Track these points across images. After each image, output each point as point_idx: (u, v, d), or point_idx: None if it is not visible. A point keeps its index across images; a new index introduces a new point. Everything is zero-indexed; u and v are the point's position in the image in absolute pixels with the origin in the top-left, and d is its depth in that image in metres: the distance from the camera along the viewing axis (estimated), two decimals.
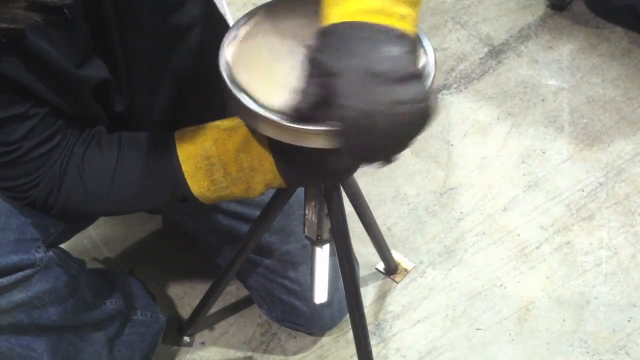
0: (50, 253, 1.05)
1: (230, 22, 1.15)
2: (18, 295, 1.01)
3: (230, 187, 0.98)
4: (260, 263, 1.32)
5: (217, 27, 1.09)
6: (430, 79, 0.88)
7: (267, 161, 0.95)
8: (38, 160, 0.95)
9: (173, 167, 0.97)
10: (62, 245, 1.13)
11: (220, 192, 0.98)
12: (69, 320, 1.14)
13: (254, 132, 0.95)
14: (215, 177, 0.96)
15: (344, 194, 1.13)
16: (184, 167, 0.96)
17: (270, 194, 1.08)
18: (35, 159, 0.94)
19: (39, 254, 1.02)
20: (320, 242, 1.12)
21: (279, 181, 0.97)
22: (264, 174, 0.96)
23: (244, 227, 1.24)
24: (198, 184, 0.97)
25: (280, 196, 1.09)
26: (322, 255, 1.14)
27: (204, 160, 0.96)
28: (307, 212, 1.09)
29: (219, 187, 0.97)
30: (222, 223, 1.28)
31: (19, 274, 1.00)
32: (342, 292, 1.26)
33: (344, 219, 1.09)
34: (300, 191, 1.10)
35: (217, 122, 0.98)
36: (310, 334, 1.42)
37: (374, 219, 1.35)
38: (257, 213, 1.16)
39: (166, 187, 0.99)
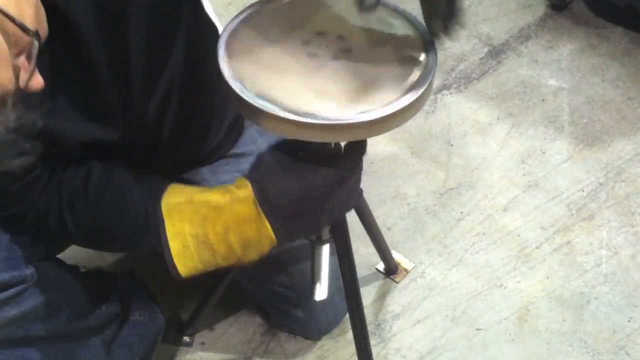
0: (42, 268, 1.05)
1: (218, 25, 1.14)
2: (11, 311, 1.02)
3: (220, 262, 0.96)
4: (253, 269, 1.31)
5: (206, 31, 1.07)
6: (431, 76, 0.89)
7: (264, 229, 0.93)
8: (18, 195, 0.94)
9: (159, 241, 0.94)
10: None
11: (208, 267, 0.96)
12: (63, 330, 1.14)
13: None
14: (203, 257, 0.94)
15: None
16: (171, 245, 0.93)
17: None
18: (14, 193, 0.93)
19: (29, 270, 1.02)
20: (319, 242, 1.12)
21: (272, 245, 0.95)
22: (259, 246, 0.94)
23: None
24: (185, 264, 0.94)
25: None
26: (322, 255, 1.14)
27: (192, 239, 0.93)
28: None
29: (207, 264, 0.95)
30: None
31: (10, 291, 1.00)
32: (338, 296, 1.26)
33: (343, 218, 1.09)
34: None
35: (207, 196, 0.94)
36: (307, 338, 1.42)
37: (373, 218, 1.35)
38: None
39: (151, 247, 0.97)
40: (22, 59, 0.75)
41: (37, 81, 0.77)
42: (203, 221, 0.92)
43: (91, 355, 1.21)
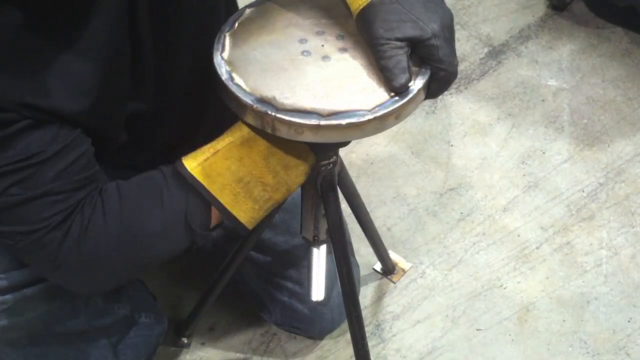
0: None
1: None
2: (42, 307, 1.02)
3: (273, 195, 0.94)
4: (263, 263, 1.31)
5: None
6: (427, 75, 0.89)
7: (301, 148, 0.92)
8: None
9: (206, 210, 0.92)
10: None
11: (264, 205, 0.95)
12: (81, 328, 1.15)
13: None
14: (255, 195, 0.93)
15: (341, 194, 1.13)
16: (222, 200, 0.92)
17: None
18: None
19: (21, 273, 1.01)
20: (317, 242, 1.12)
21: (312, 161, 0.95)
22: (300, 164, 0.94)
23: None
24: (243, 210, 0.93)
25: None
26: (319, 256, 1.14)
27: (238, 184, 0.92)
28: (303, 212, 1.09)
29: (261, 201, 0.94)
30: None
31: (40, 286, 0.99)
32: (341, 295, 1.26)
33: (340, 219, 1.09)
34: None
35: (227, 140, 0.92)
36: (310, 337, 1.42)
37: (371, 219, 1.35)
38: None
39: (186, 235, 0.94)
40: None
41: None
42: (240, 162, 0.91)
43: (99, 356, 1.21)
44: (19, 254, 0.92)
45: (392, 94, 0.87)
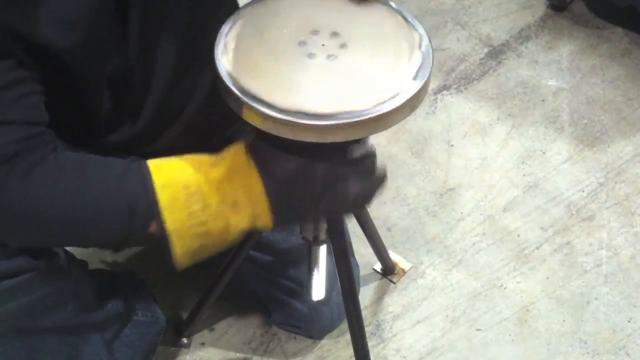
0: (53, 257, 1.04)
1: None
2: (23, 298, 1.00)
3: (209, 222, 0.88)
4: (262, 261, 1.31)
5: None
6: (427, 74, 0.89)
7: (256, 187, 0.88)
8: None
9: (145, 195, 0.87)
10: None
11: (196, 229, 0.88)
12: (70, 322, 1.14)
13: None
14: (193, 210, 0.87)
15: None
16: (160, 196, 0.86)
17: None
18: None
19: (43, 257, 1.00)
20: (317, 242, 1.12)
21: (265, 217, 0.90)
22: (250, 206, 0.89)
23: None
24: (174, 217, 0.87)
25: None
26: (319, 256, 1.14)
27: (182, 189, 0.87)
28: None
29: (195, 222, 0.88)
30: None
31: (23, 277, 0.98)
32: (341, 295, 1.26)
33: (340, 219, 1.09)
34: None
35: (197, 155, 0.91)
36: (309, 336, 1.42)
37: (370, 219, 1.35)
38: None
39: (127, 217, 0.88)
40: None
41: None
42: (196, 170, 0.88)
43: (93, 352, 1.21)
44: None
45: (392, 92, 0.87)
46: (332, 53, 0.91)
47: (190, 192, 0.87)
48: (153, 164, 0.89)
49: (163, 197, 0.87)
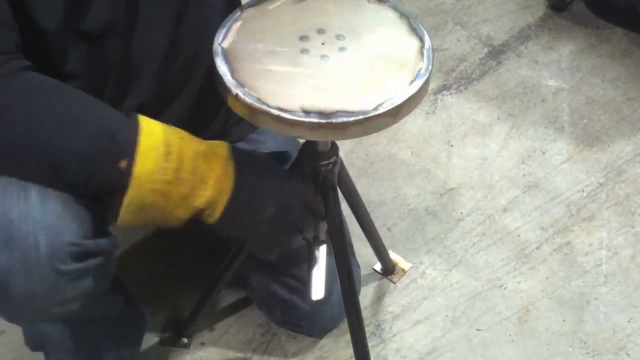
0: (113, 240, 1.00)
1: None
2: (97, 281, 0.98)
3: (173, 184, 0.90)
4: (264, 260, 1.31)
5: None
6: (426, 77, 0.89)
7: (227, 180, 0.93)
8: None
9: (127, 129, 0.88)
10: None
11: (157, 185, 0.89)
12: (97, 313, 1.16)
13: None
14: (165, 166, 0.89)
15: (341, 194, 1.13)
16: (141, 139, 0.88)
17: None
18: None
19: (109, 240, 0.99)
20: (317, 242, 1.12)
21: (218, 209, 0.94)
22: (213, 191, 0.92)
23: None
24: (145, 163, 0.87)
25: None
26: (319, 256, 1.14)
27: (163, 144, 0.89)
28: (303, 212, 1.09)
29: (161, 178, 0.89)
30: None
31: (101, 258, 0.96)
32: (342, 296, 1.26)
33: (340, 219, 1.09)
34: None
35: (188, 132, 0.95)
36: (310, 335, 1.42)
37: (370, 219, 1.35)
38: None
39: (105, 140, 0.87)
40: None
41: None
42: (180, 138, 0.91)
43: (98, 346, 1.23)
44: None
45: (392, 92, 0.87)
46: (333, 53, 0.91)
47: (169, 150, 0.89)
48: (144, 117, 0.91)
49: (144, 141, 0.88)
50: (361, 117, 0.85)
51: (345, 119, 0.85)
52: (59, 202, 0.90)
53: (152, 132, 0.90)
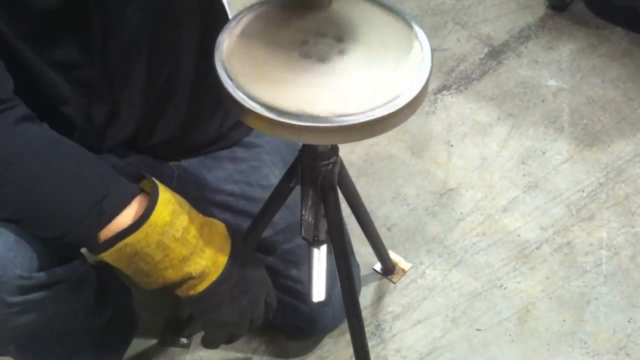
0: (84, 266, 1.02)
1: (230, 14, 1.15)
2: (59, 305, 1.00)
3: (177, 243, 0.91)
4: (264, 262, 1.31)
5: (217, 18, 1.07)
6: (426, 77, 0.89)
7: (222, 256, 0.96)
8: None
9: (116, 195, 0.88)
10: None
11: (164, 238, 0.89)
12: (81, 325, 1.16)
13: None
14: (177, 222, 0.90)
15: (341, 195, 1.13)
16: (161, 196, 0.90)
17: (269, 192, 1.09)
18: None
19: (76, 269, 1.00)
20: (317, 243, 1.12)
21: (205, 282, 0.95)
22: (209, 260, 0.94)
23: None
24: (162, 213, 0.89)
25: (282, 190, 1.09)
26: (319, 256, 1.14)
27: (177, 204, 0.92)
28: (303, 213, 1.09)
29: (171, 232, 0.90)
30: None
31: (58, 286, 0.97)
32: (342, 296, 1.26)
33: (340, 220, 1.09)
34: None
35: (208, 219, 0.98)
36: (311, 336, 1.42)
37: (371, 219, 1.35)
38: (257, 209, 1.16)
39: (93, 206, 0.87)
40: None
41: None
42: (188, 204, 0.94)
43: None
44: None
45: (392, 94, 0.87)
46: (333, 56, 0.91)
47: (182, 210, 0.92)
48: (154, 179, 0.92)
49: (162, 195, 0.90)
50: (361, 120, 0.85)
51: (345, 123, 0.84)
52: (12, 233, 0.89)
53: (166, 190, 0.91)
